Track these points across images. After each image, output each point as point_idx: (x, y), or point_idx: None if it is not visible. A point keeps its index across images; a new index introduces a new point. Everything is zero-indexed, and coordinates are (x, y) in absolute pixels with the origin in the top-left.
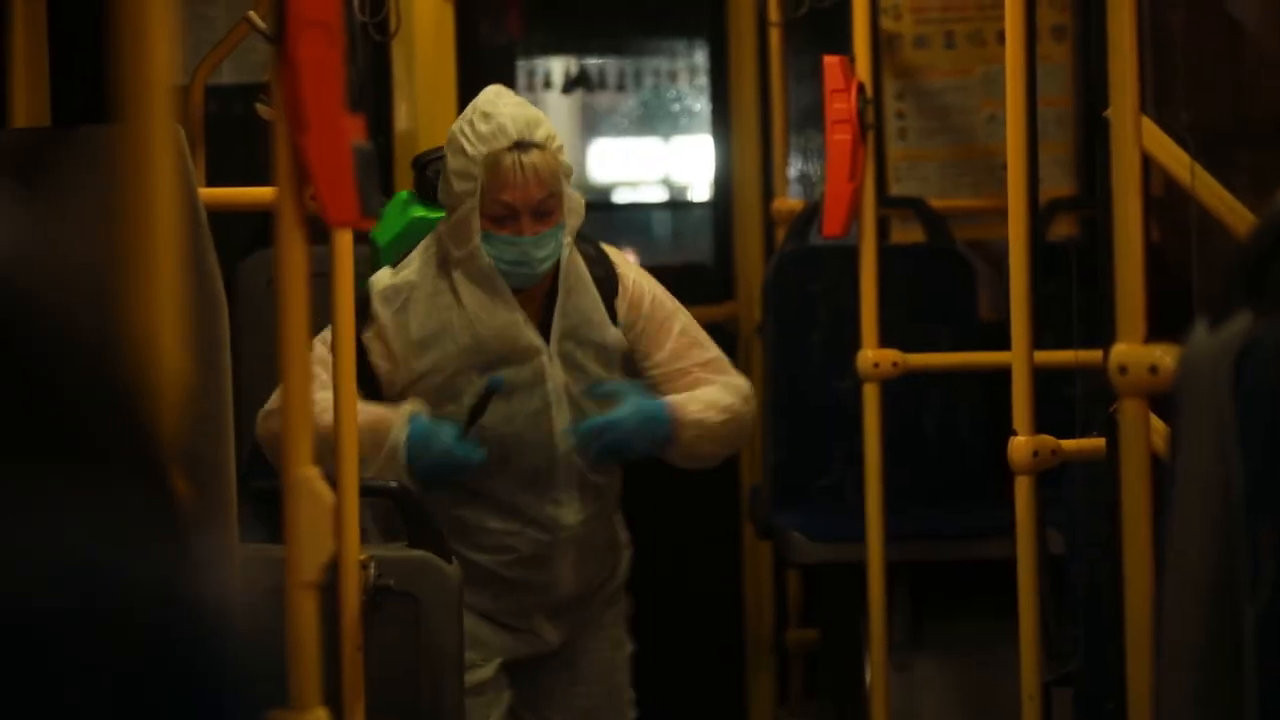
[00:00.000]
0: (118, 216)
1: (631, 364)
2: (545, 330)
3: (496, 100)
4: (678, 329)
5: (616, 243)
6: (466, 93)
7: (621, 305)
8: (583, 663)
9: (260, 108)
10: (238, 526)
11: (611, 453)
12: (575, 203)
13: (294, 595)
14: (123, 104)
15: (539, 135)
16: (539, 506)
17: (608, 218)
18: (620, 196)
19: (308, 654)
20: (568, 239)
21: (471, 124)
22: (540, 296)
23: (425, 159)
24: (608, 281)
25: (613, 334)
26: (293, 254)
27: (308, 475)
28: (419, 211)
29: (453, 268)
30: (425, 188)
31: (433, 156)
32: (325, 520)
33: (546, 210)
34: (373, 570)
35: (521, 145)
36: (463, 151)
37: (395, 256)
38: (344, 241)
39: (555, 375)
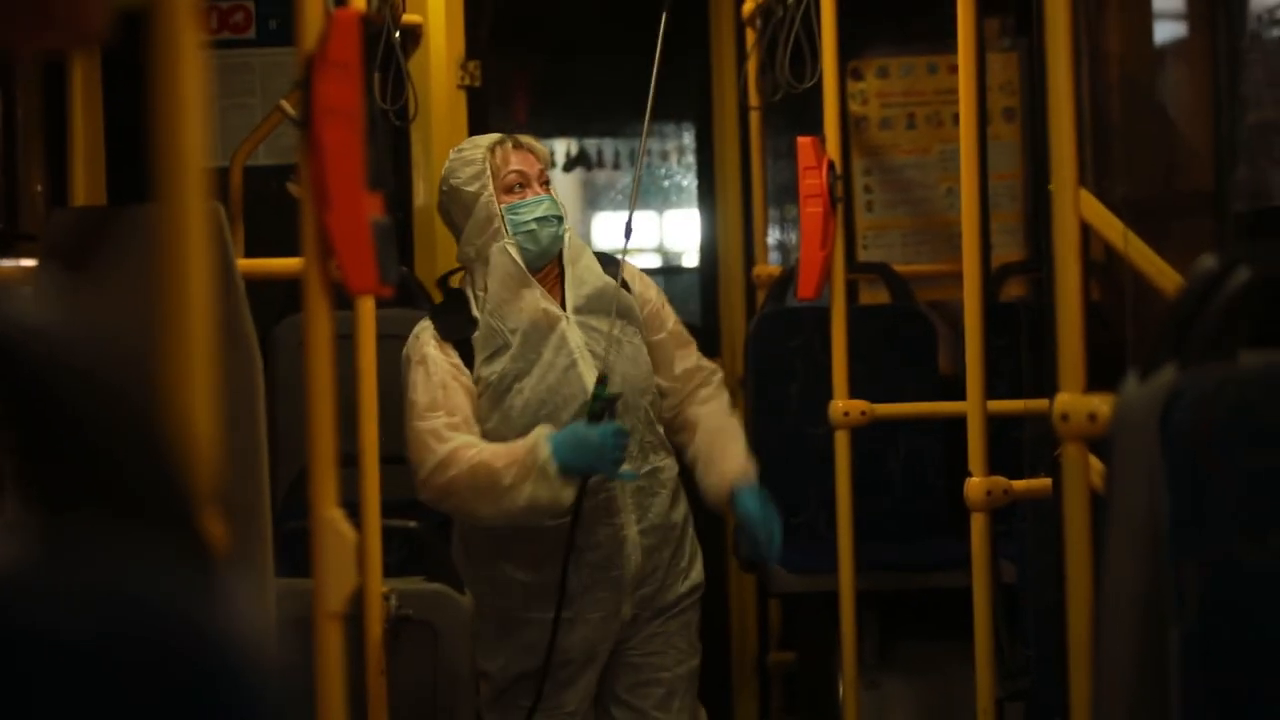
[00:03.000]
0: (158, 287)
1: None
2: (562, 304)
3: (464, 141)
4: (669, 331)
5: None
6: None
7: (635, 283)
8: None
9: (290, 186)
10: (272, 563)
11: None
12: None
13: (321, 625)
14: (162, 184)
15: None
16: None
17: None
18: None
19: (334, 678)
20: (568, 226)
21: (459, 150)
22: (553, 278)
23: (447, 276)
24: (611, 266)
25: (627, 298)
26: (319, 318)
27: (333, 516)
28: None
29: (480, 273)
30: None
31: (452, 273)
32: (349, 556)
33: (545, 181)
34: (393, 602)
35: (507, 136)
36: (465, 162)
37: None
38: (365, 307)
39: (575, 336)
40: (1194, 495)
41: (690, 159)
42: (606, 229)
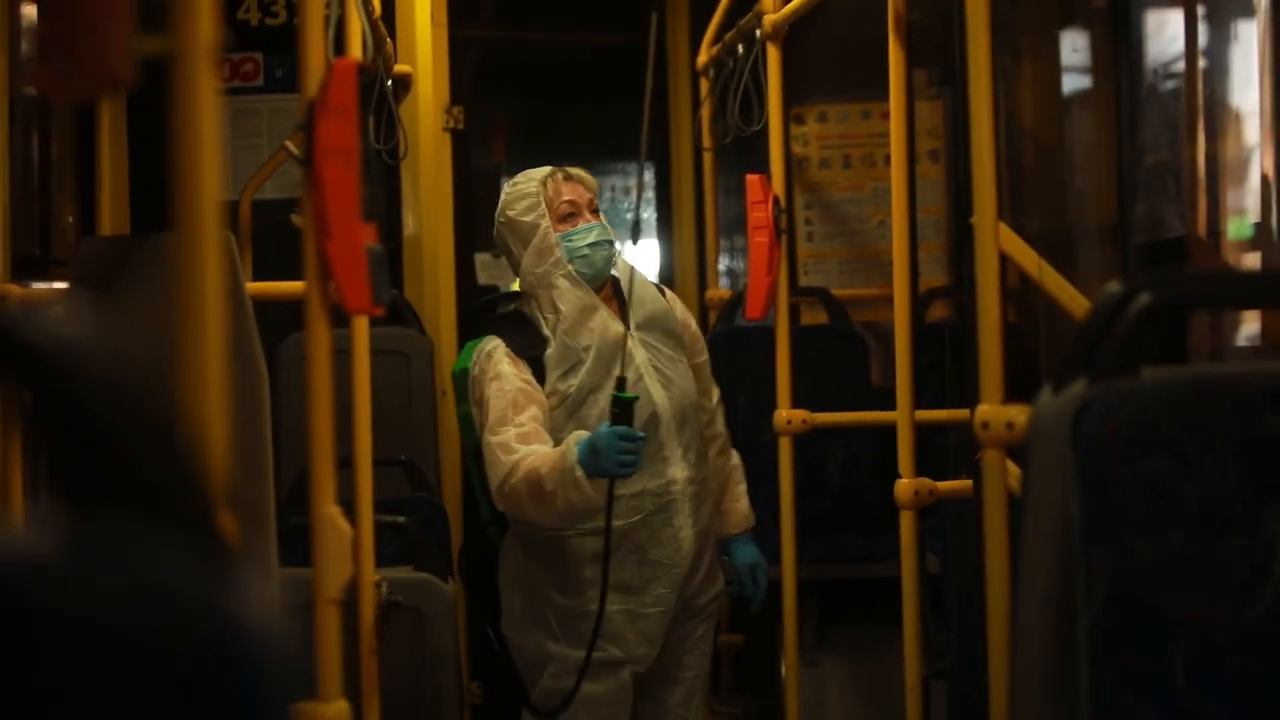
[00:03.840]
0: (175, 307)
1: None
2: (624, 321)
3: (519, 175)
4: (705, 359)
5: None
6: (461, 205)
7: (677, 308)
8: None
9: (294, 218)
10: (277, 554)
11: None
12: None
13: (320, 610)
14: (180, 216)
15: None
16: (654, 465)
17: None
18: None
19: (331, 657)
20: (619, 249)
21: (514, 184)
22: (608, 296)
23: (478, 304)
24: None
25: (674, 320)
26: (319, 335)
27: (331, 513)
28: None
29: (542, 296)
30: (476, 325)
31: (483, 302)
32: (346, 549)
33: (595, 209)
34: (385, 589)
35: (558, 168)
36: (521, 195)
37: None
38: (360, 325)
39: (639, 353)
40: (1101, 496)
41: (650, 194)
42: None
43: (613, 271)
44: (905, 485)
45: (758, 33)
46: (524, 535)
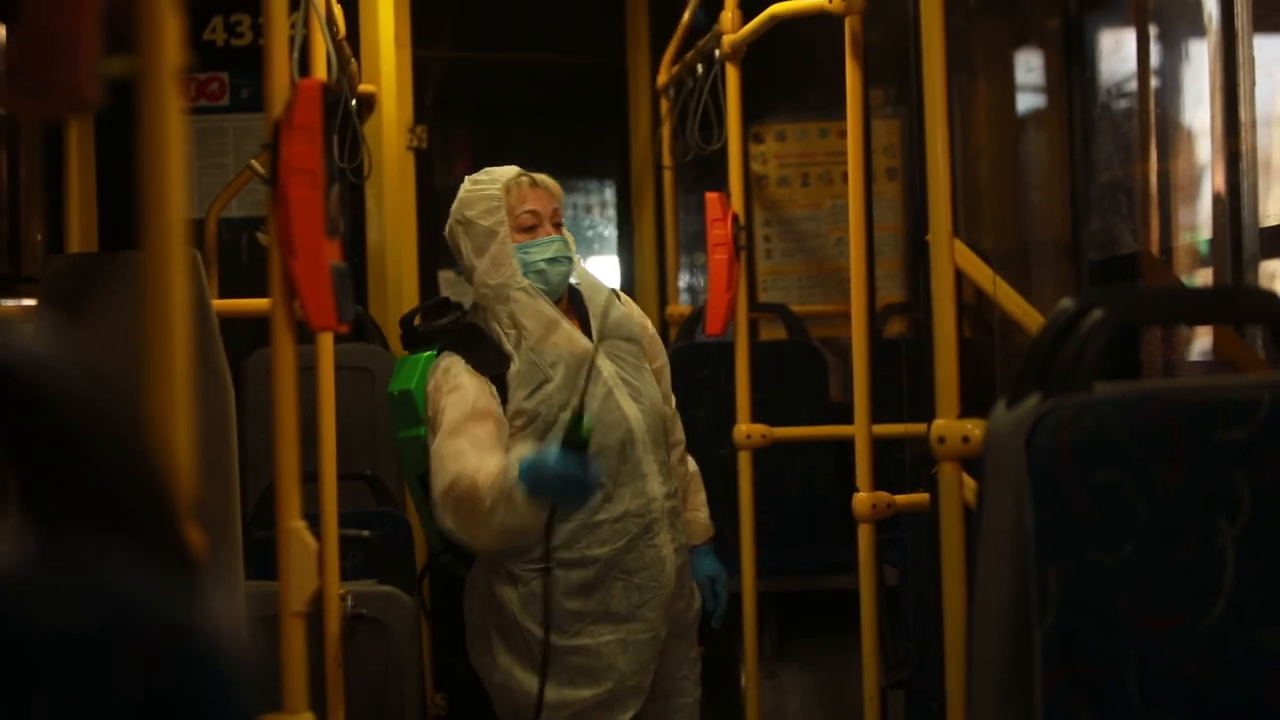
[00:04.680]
0: (142, 323)
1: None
2: (586, 333)
3: (480, 172)
4: (664, 362)
5: None
6: (425, 223)
7: (634, 312)
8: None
9: (259, 235)
10: (243, 567)
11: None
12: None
13: (286, 622)
14: (146, 233)
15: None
16: (632, 482)
17: None
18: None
19: (297, 668)
20: (575, 255)
21: (475, 181)
22: (569, 308)
23: (410, 316)
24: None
25: (634, 325)
26: (284, 351)
27: (297, 527)
28: (428, 352)
29: (499, 310)
30: (413, 340)
31: (413, 313)
32: (311, 562)
33: (557, 222)
34: (349, 602)
35: (525, 173)
36: (481, 196)
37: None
38: (325, 342)
39: (606, 366)
40: (1055, 508)
41: (611, 212)
42: None
43: (570, 281)
44: (863, 498)
45: (717, 53)
46: (500, 565)
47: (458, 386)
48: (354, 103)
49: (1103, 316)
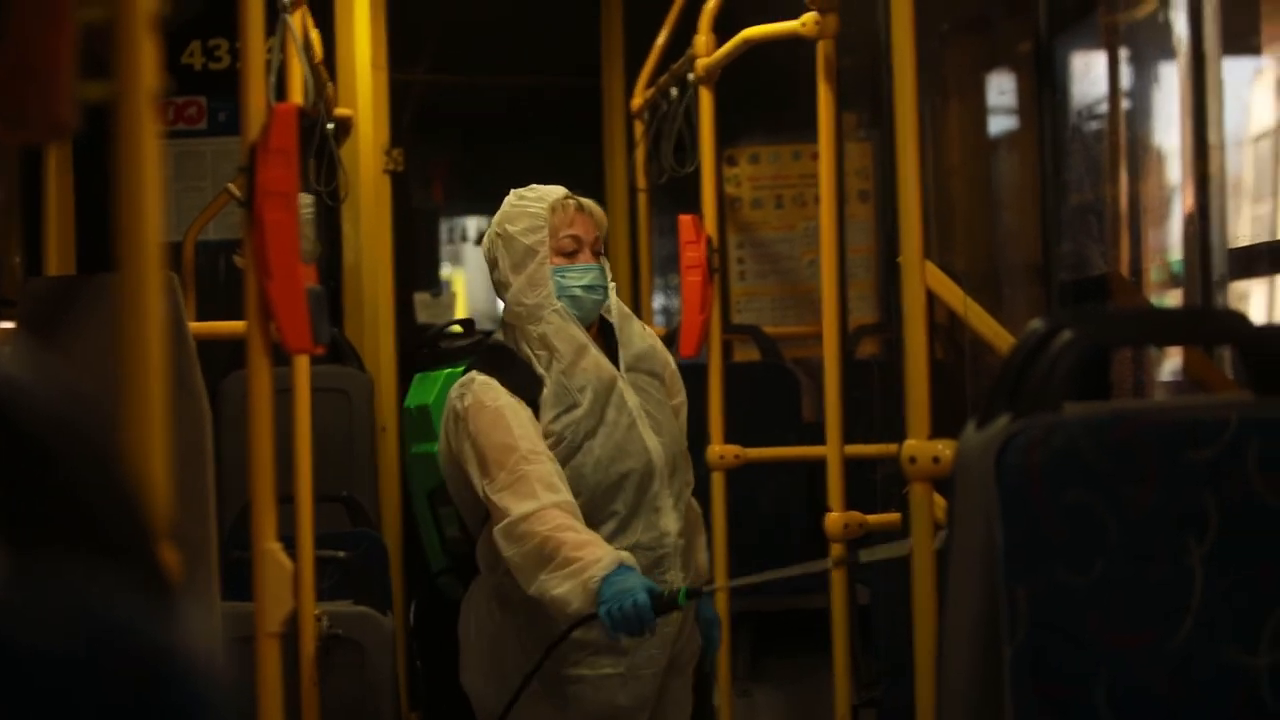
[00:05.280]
0: (119, 346)
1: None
2: (612, 360)
3: (525, 188)
4: (683, 399)
5: None
6: (401, 246)
7: (658, 346)
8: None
9: (236, 259)
10: (219, 588)
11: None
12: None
13: (261, 643)
14: (122, 257)
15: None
16: (647, 515)
17: None
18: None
19: (272, 690)
20: (612, 281)
21: (521, 196)
22: (596, 336)
23: (434, 333)
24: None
25: (659, 359)
26: (260, 373)
27: (272, 548)
28: (449, 370)
29: (530, 330)
30: (435, 357)
31: (437, 330)
32: (286, 583)
33: (598, 250)
34: (325, 622)
35: (572, 195)
36: (526, 213)
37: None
38: (301, 363)
39: (631, 397)
40: (1025, 528)
41: None
42: None
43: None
44: (835, 518)
45: (690, 76)
46: (504, 589)
47: (508, 405)
48: (330, 126)
49: (1072, 337)
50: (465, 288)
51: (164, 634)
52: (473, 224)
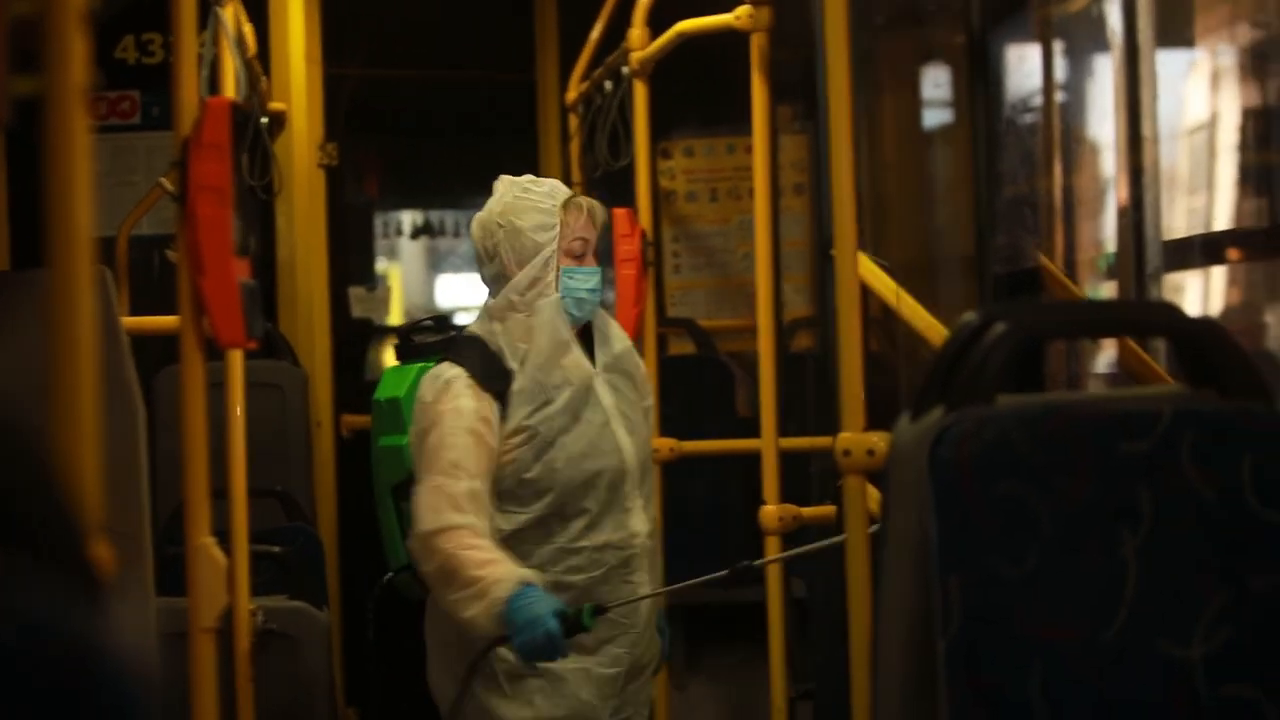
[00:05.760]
0: (50, 341)
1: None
2: (590, 359)
3: (524, 179)
4: (651, 402)
5: None
6: (335, 241)
7: (633, 350)
8: None
9: (169, 253)
10: (154, 584)
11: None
12: None
13: (195, 638)
14: (53, 251)
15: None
16: (617, 514)
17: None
18: (460, 319)
19: (207, 684)
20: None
21: (525, 190)
22: (578, 333)
23: (409, 327)
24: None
25: (634, 362)
26: (194, 368)
27: (206, 543)
28: (419, 365)
29: (515, 320)
30: (409, 351)
31: (414, 325)
32: (221, 578)
33: (597, 251)
34: (260, 617)
35: (580, 195)
36: (536, 208)
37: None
38: (234, 358)
39: (606, 396)
40: (957, 520)
41: None
42: (449, 289)
43: None
44: (770, 511)
45: (625, 69)
46: None
47: (458, 410)
48: (264, 120)
49: (1006, 330)
50: (401, 282)
51: (92, 631)
52: (407, 218)
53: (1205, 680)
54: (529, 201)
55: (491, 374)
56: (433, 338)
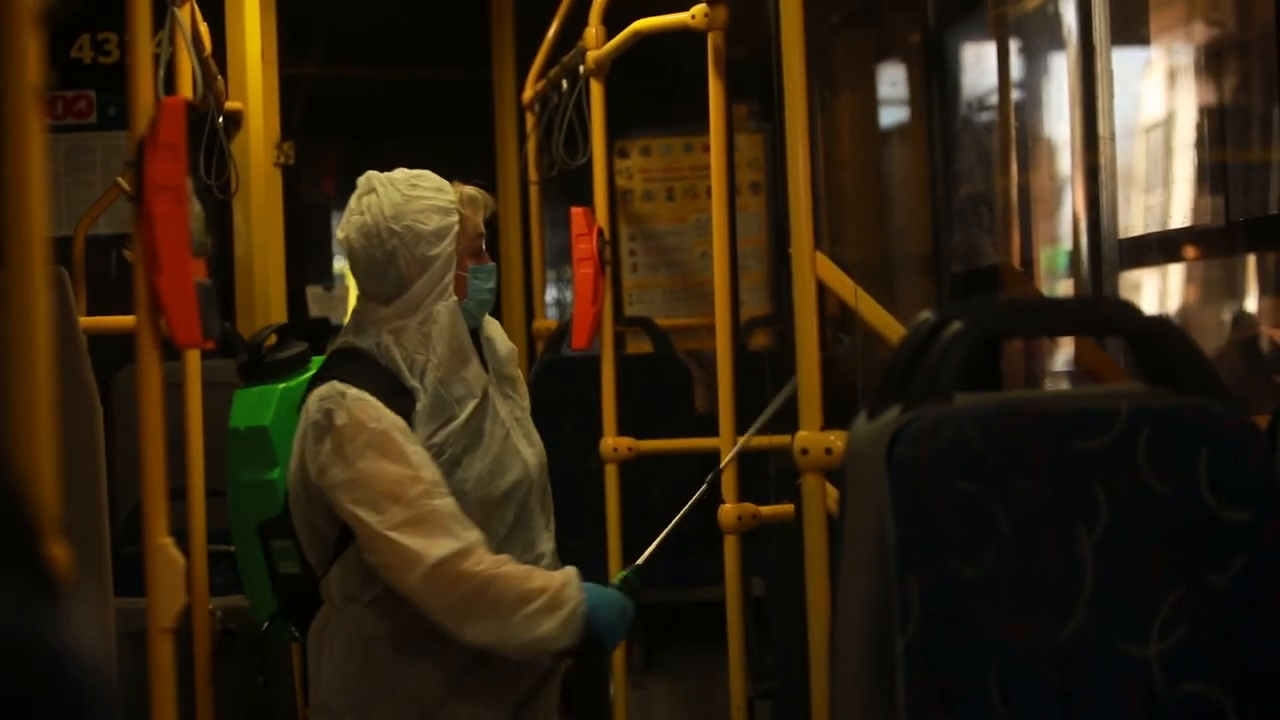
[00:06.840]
0: (4, 343)
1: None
2: (485, 368)
3: (398, 174)
4: (528, 404)
5: None
6: (293, 239)
7: (506, 342)
8: None
9: (126, 253)
10: (112, 584)
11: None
12: None
13: (154, 639)
14: (7, 252)
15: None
16: (523, 534)
17: None
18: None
19: (166, 685)
20: None
21: (414, 186)
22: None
23: (259, 339)
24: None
25: (515, 363)
26: (150, 368)
27: (164, 543)
28: (283, 384)
29: (413, 330)
30: (262, 369)
31: (263, 334)
32: (179, 578)
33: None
34: (219, 617)
35: (470, 185)
36: (433, 207)
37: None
38: (191, 358)
39: (501, 405)
40: (915, 519)
41: None
42: None
43: None
44: (729, 510)
45: (581, 68)
46: (366, 623)
47: (398, 427)
48: (220, 119)
49: (962, 328)
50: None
51: (50, 632)
52: None
53: (1163, 678)
54: (424, 201)
55: (392, 394)
56: (288, 352)
